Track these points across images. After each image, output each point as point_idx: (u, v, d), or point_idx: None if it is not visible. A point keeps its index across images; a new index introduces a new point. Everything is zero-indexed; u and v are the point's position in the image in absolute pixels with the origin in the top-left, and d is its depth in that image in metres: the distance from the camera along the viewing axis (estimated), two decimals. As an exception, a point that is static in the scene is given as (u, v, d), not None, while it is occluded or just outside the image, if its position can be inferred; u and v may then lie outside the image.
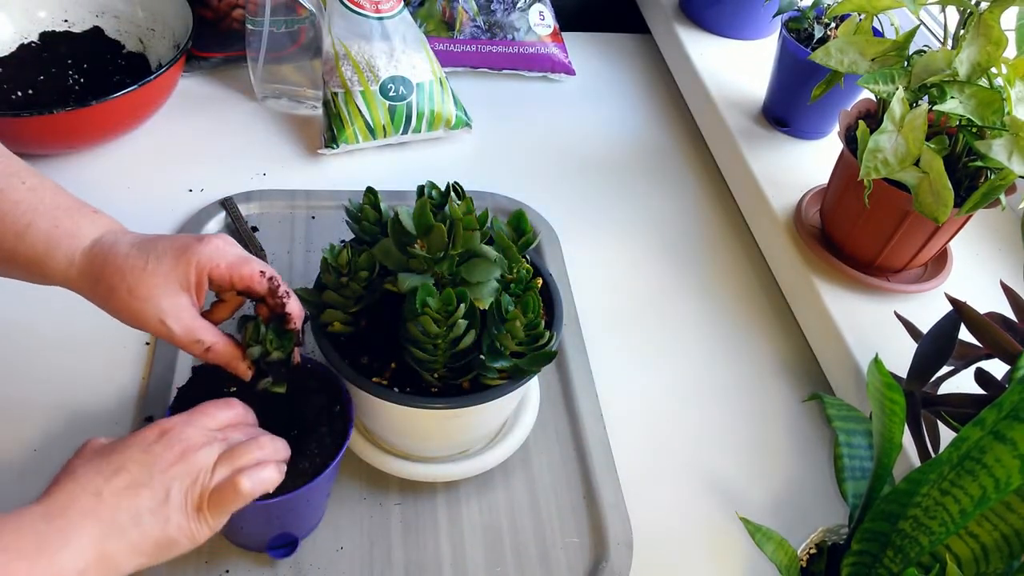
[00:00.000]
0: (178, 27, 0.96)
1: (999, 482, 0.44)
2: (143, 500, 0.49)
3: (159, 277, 0.55)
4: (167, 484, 0.50)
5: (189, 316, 0.56)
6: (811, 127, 0.96)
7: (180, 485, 0.50)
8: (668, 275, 0.91)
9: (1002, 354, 0.59)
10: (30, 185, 0.57)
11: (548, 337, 0.60)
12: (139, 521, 0.48)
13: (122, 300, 0.55)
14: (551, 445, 0.73)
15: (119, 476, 0.49)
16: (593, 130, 1.07)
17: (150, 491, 0.49)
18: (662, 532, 0.69)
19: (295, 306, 0.60)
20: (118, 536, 0.47)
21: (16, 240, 0.56)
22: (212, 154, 0.95)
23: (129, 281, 0.55)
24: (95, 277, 0.56)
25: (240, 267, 0.57)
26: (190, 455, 0.51)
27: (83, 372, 0.73)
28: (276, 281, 0.59)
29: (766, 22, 1.10)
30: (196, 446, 0.52)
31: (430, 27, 1.10)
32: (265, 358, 0.59)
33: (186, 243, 0.57)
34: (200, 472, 0.51)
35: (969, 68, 0.65)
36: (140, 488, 0.49)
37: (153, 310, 0.55)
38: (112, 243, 0.57)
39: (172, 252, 0.56)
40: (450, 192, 0.64)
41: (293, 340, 0.59)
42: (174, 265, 0.56)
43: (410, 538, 0.66)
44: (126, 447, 0.51)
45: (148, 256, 0.56)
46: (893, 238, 0.76)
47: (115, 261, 0.55)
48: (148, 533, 0.48)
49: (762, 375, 0.82)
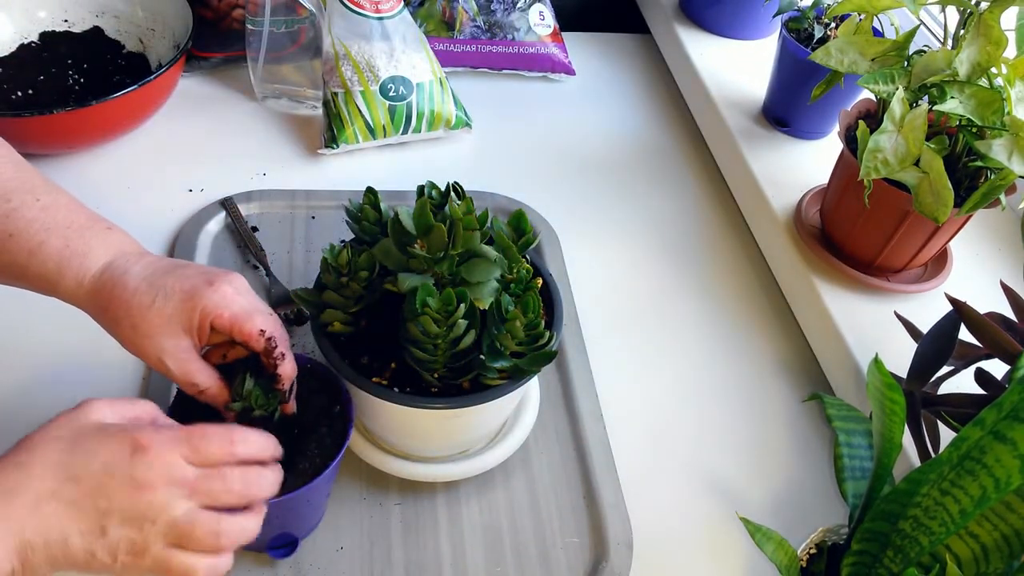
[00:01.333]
0: (178, 27, 0.96)
1: (999, 482, 0.44)
2: (78, 523, 0.46)
3: (164, 318, 0.55)
4: (106, 520, 0.46)
5: (188, 358, 0.57)
6: (811, 127, 0.96)
7: (119, 526, 0.46)
8: (668, 275, 0.91)
9: (1002, 354, 0.59)
10: (44, 203, 0.57)
11: (548, 337, 0.60)
12: (65, 542, 0.45)
13: (125, 333, 0.56)
14: (551, 445, 0.73)
15: (67, 487, 0.46)
16: (593, 130, 1.07)
17: (88, 520, 0.46)
18: (662, 532, 0.69)
19: (288, 368, 0.59)
20: (42, 548, 0.45)
21: (28, 258, 0.56)
22: (212, 154, 0.95)
23: (134, 317, 0.55)
24: (102, 305, 0.56)
25: (242, 322, 0.57)
26: (144, 495, 0.46)
27: (83, 372, 0.73)
28: (274, 342, 0.58)
29: (766, 22, 1.10)
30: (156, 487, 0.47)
31: (430, 27, 1.10)
32: (248, 413, 0.59)
33: (195, 287, 0.56)
34: (145, 521, 0.46)
35: (969, 68, 0.65)
36: (80, 512, 0.46)
37: (154, 348, 0.56)
38: (122, 273, 0.56)
39: (180, 295, 0.56)
40: (450, 192, 0.64)
41: (278, 399, 0.59)
42: (180, 308, 0.56)
43: (410, 538, 0.66)
44: (93, 453, 0.47)
45: (156, 295, 0.56)
46: (893, 238, 0.76)
47: (122, 295, 0.55)
48: (69, 555, 0.46)
49: (762, 375, 0.82)
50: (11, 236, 0.56)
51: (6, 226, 0.56)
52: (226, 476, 0.49)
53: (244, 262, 0.84)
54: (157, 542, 0.47)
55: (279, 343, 0.58)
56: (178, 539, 0.47)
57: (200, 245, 0.84)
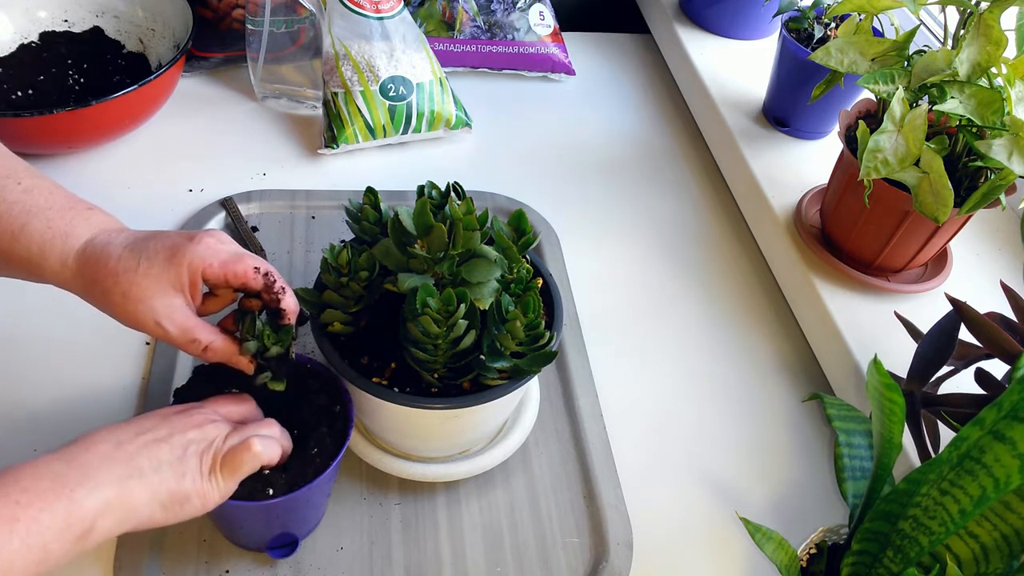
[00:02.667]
0: (178, 27, 0.96)
1: (999, 482, 0.44)
2: (163, 452, 0.51)
3: (151, 279, 0.55)
4: (185, 444, 0.52)
5: (184, 316, 0.56)
6: (811, 127, 0.96)
7: (196, 448, 0.53)
8: (668, 275, 0.91)
9: (1002, 354, 0.59)
10: (25, 186, 0.57)
11: (548, 337, 0.60)
12: (159, 468, 0.51)
13: (116, 303, 0.56)
14: (551, 445, 0.73)
15: (140, 431, 0.52)
16: (593, 130, 1.07)
17: (169, 447, 0.52)
18: (662, 532, 0.69)
19: (291, 302, 0.59)
20: (138, 478, 0.50)
21: (11, 241, 0.56)
22: (212, 154, 0.95)
23: (123, 284, 0.55)
24: (88, 279, 0.56)
25: (234, 264, 0.57)
26: (205, 425, 0.54)
27: (83, 372, 0.73)
28: (272, 276, 0.58)
29: (766, 22, 1.10)
30: (210, 421, 0.55)
31: (430, 27, 1.10)
32: (263, 353, 0.59)
33: (177, 243, 0.56)
34: (214, 439, 0.54)
35: (969, 68, 0.65)
36: (160, 443, 0.52)
37: (148, 312, 0.55)
38: (104, 244, 0.56)
39: (163, 253, 0.56)
40: (450, 192, 0.64)
41: (290, 335, 0.59)
42: (166, 266, 0.56)
43: (410, 538, 0.66)
44: (145, 416, 0.54)
45: (140, 258, 0.56)
46: (893, 238, 0.76)
47: (107, 264, 0.55)
48: (166, 481, 0.51)
49: (762, 375, 0.82)
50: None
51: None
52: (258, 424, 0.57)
53: (244, 262, 0.84)
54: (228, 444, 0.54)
55: (276, 277, 0.59)
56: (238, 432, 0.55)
57: (200, 245, 0.84)
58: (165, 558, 0.62)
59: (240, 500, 0.55)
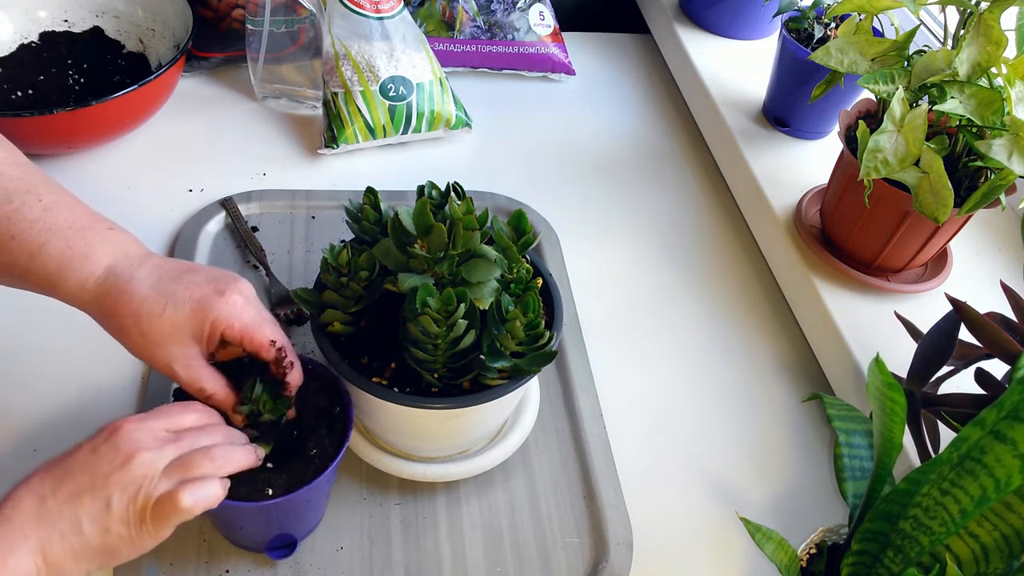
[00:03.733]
0: (178, 27, 0.96)
1: (999, 482, 0.44)
2: (84, 507, 0.48)
3: (174, 327, 0.56)
4: (108, 492, 0.49)
5: (197, 364, 0.57)
6: (811, 127, 0.96)
7: (122, 494, 0.49)
8: (668, 275, 0.91)
9: (1002, 354, 0.59)
10: (46, 204, 0.57)
11: (548, 337, 0.60)
12: (79, 529, 0.48)
13: (134, 340, 0.56)
14: (551, 445, 0.73)
15: (64, 481, 0.49)
16: (593, 130, 1.07)
17: (91, 498, 0.49)
18: (662, 532, 0.69)
19: (296, 376, 0.60)
20: (59, 540, 0.48)
21: (29, 260, 0.56)
22: (212, 154, 0.95)
23: (143, 327, 0.55)
24: (107, 312, 0.56)
25: (252, 332, 0.57)
26: (134, 460, 0.50)
27: (83, 372, 0.73)
28: (284, 352, 0.59)
29: (766, 22, 1.10)
30: (142, 450, 0.50)
31: (430, 27, 1.10)
32: (256, 417, 0.59)
33: (206, 296, 0.56)
34: (143, 480, 0.50)
35: (969, 68, 0.65)
36: (82, 495, 0.49)
37: (164, 356, 0.56)
38: (128, 280, 0.56)
39: (191, 304, 0.56)
40: (450, 192, 0.64)
41: (286, 405, 0.60)
42: (190, 318, 0.56)
43: (410, 538, 0.66)
44: (77, 449, 0.51)
45: (166, 304, 0.56)
46: (893, 238, 0.76)
47: (130, 303, 0.55)
48: (88, 541, 0.48)
49: (762, 375, 0.82)
50: (12, 238, 0.56)
51: (8, 228, 0.56)
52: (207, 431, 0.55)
53: (244, 262, 0.84)
54: (158, 489, 0.50)
55: (288, 353, 0.59)
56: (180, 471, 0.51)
57: (200, 245, 0.84)
58: (165, 558, 0.62)
59: (238, 501, 0.55)
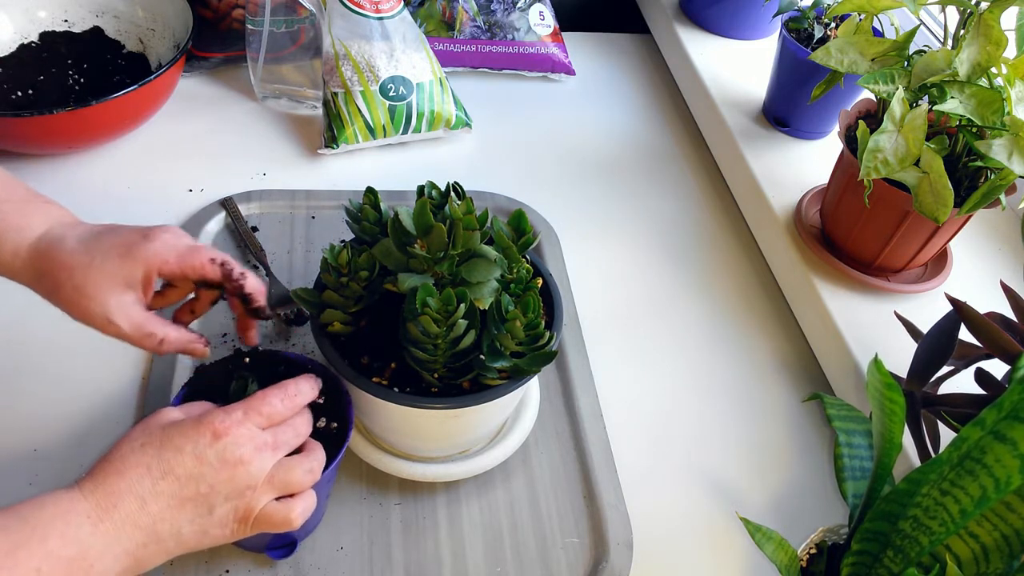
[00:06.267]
0: (178, 27, 0.96)
1: (999, 482, 0.44)
2: (186, 513, 0.49)
3: (105, 275, 0.55)
4: (212, 501, 0.50)
5: (137, 312, 0.56)
6: (811, 127, 0.96)
7: (225, 502, 0.50)
8: (668, 275, 0.91)
9: (1002, 354, 0.59)
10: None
11: (548, 337, 0.60)
12: (178, 534, 0.49)
13: (68, 297, 0.55)
14: (551, 445, 0.73)
15: (166, 481, 0.49)
16: (593, 130, 1.07)
17: (194, 506, 0.49)
18: (662, 532, 0.69)
19: (254, 283, 0.60)
20: (155, 544, 0.48)
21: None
22: (212, 154, 0.95)
23: (76, 278, 0.55)
24: (40, 271, 0.56)
25: (190, 258, 0.57)
26: (240, 470, 0.50)
27: (83, 372, 0.73)
28: (229, 264, 0.59)
29: (766, 22, 1.10)
30: (247, 459, 0.51)
31: (430, 27, 1.10)
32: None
33: (132, 240, 0.56)
34: (247, 490, 0.51)
35: (969, 68, 0.65)
36: (185, 502, 0.49)
37: (99, 308, 0.55)
38: (59, 237, 0.56)
39: (118, 249, 0.56)
40: (450, 192, 0.64)
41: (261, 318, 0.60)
42: (120, 264, 0.55)
43: (410, 538, 0.66)
44: (180, 448, 0.50)
45: (94, 253, 0.55)
46: (893, 238, 0.76)
47: (60, 257, 0.55)
48: (183, 543, 0.50)
49: (762, 375, 0.82)
50: None
51: None
52: (295, 424, 0.55)
53: (244, 262, 0.84)
54: (261, 500, 0.51)
55: (233, 264, 0.59)
56: (279, 488, 0.52)
57: (200, 245, 0.84)
58: (165, 558, 0.62)
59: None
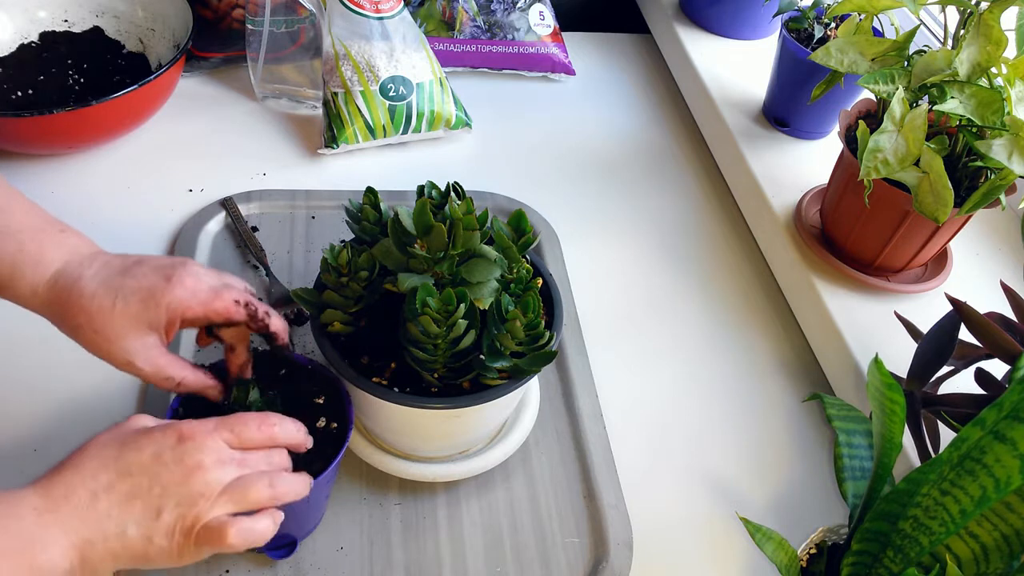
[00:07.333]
0: (178, 27, 0.96)
1: (999, 482, 0.44)
2: (134, 512, 0.48)
3: (127, 319, 0.55)
4: (161, 503, 0.48)
5: (157, 355, 0.56)
6: (811, 127, 0.96)
7: (174, 507, 0.49)
8: (668, 275, 0.91)
9: (1002, 354, 0.59)
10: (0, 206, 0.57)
11: (548, 337, 0.60)
12: (123, 533, 0.48)
13: (88, 338, 0.55)
14: (551, 445, 0.73)
15: (121, 480, 0.48)
16: (593, 130, 1.07)
17: (143, 504, 0.48)
18: (662, 532, 0.69)
19: (278, 323, 0.60)
20: (101, 544, 0.47)
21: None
22: (212, 154, 0.95)
23: (96, 323, 0.54)
24: (59, 313, 0.55)
25: (213, 303, 0.56)
26: (196, 475, 0.49)
27: (83, 372, 0.73)
28: (253, 306, 0.58)
29: (766, 22, 1.10)
30: (207, 466, 0.50)
31: (430, 27, 1.10)
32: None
33: (154, 285, 0.55)
34: (199, 499, 0.49)
35: (969, 68, 0.65)
36: (135, 500, 0.48)
37: (120, 352, 0.55)
38: (76, 278, 0.55)
39: (140, 294, 0.55)
40: (450, 192, 0.64)
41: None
42: (142, 308, 0.55)
43: (410, 538, 0.66)
44: (142, 447, 0.49)
45: (115, 298, 0.55)
46: (893, 238, 0.76)
47: (80, 301, 0.55)
48: (129, 546, 0.48)
49: (762, 375, 0.82)
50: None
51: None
52: (269, 455, 0.53)
53: (244, 262, 0.84)
54: (212, 512, 0.49)
55: (257, 305, 0.58)
56: (235, 501, 0.50)
57: (200, 245, 0.84)
58: (165, 558, 0.62)
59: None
